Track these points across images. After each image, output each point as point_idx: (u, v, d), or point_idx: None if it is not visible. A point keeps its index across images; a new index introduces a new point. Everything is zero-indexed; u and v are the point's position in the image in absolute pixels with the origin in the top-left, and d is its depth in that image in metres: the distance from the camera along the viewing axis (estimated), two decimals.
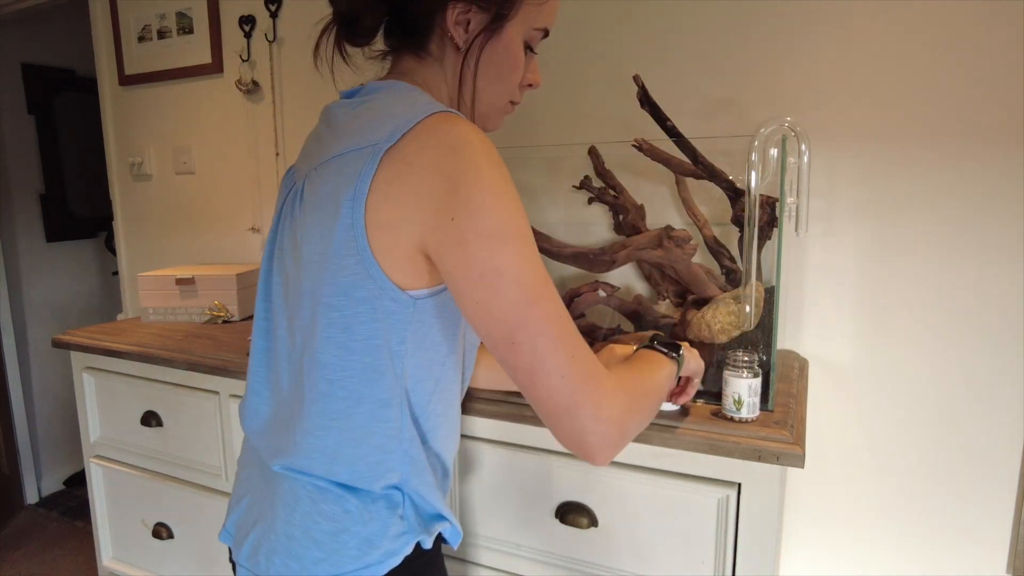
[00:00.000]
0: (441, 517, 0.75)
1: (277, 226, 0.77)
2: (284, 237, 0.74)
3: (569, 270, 1.30)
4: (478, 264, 0.59)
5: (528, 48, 0.76)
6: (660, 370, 0.75)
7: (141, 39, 1.94)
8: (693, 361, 0.84)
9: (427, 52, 0.74)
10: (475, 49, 0.73)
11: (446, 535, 0.78)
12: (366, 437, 0.69)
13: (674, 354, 0.78)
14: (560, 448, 0.97)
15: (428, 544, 0.74)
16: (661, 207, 1.30)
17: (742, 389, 0.87)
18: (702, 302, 1.05)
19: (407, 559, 0.72)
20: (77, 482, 2.92)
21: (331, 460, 0.69)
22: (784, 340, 1.26)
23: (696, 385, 0.88)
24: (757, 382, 0.87)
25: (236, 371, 1.21)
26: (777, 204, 0.99)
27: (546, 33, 0.77)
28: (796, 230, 1.03)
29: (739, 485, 0.87)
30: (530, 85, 0.79)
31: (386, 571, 0.70)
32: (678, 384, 0.88)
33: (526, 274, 0.59)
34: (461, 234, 0.59)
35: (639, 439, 0.89)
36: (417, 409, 0.71)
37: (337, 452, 0.69)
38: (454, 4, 0.70)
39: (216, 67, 1.83)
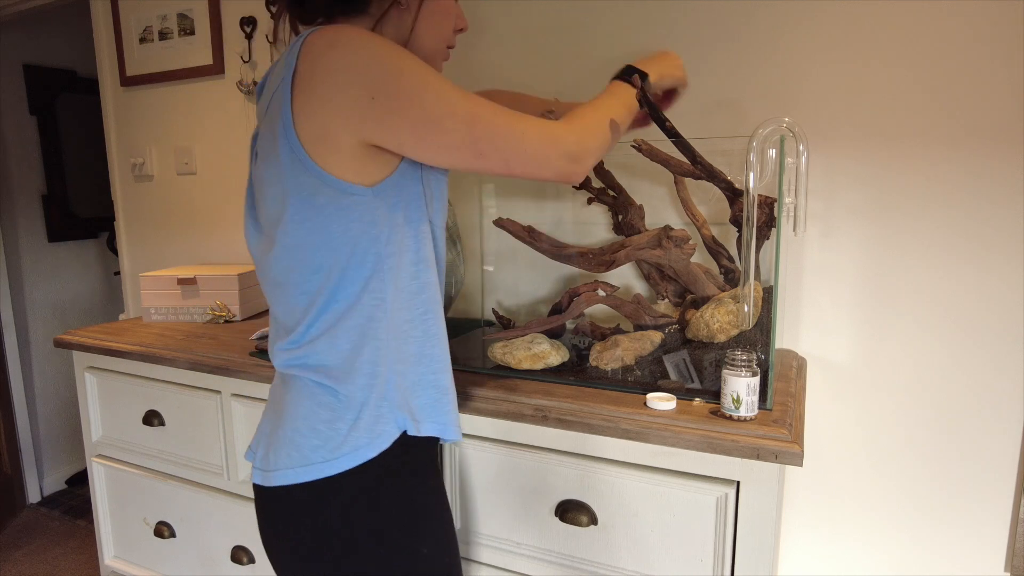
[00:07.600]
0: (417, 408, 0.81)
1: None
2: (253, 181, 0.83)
3: (569, 270, 1.30)
4: (413, 121, 0.68)
5: None
6: (613, 96, 0.89)
7: (142, 40, 1.95)
8: (668, 73, 0.98)
9: (365, 14, 0.80)
10: (415, 2, 0.81)
11: (436, 433, 0.82)
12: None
13: (627, 78, 0.92)
14: (561, 447, 0.98)
15: (414, 431, 0.80)
16: (660, 207, 1.31)
17: (741, 388, 0.87)
18: (701, 302, 1.06)
19: (396, 444, 0.78)
20: (79, 481, 2.92)
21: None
22: (782, 339, 1.26)
23: (679, 95, 1.06)
24: (755, 381, 0.88)
25: (238, 370, 1.22)
26: (775, 204, 1.00)
27: None
28: (794, 230, 1.04)
29: (738, 483, 0.87)
30: (461, 29, 0.87)
31: (375, 454, 0.77)
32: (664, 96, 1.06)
33: (453, 104, 0.69)
34: (386, 106, 0.67)
35: (639, 438, 0.89)
36: (398, 292, 0.78)
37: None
38: None
39: (217, 68, 1.84)
